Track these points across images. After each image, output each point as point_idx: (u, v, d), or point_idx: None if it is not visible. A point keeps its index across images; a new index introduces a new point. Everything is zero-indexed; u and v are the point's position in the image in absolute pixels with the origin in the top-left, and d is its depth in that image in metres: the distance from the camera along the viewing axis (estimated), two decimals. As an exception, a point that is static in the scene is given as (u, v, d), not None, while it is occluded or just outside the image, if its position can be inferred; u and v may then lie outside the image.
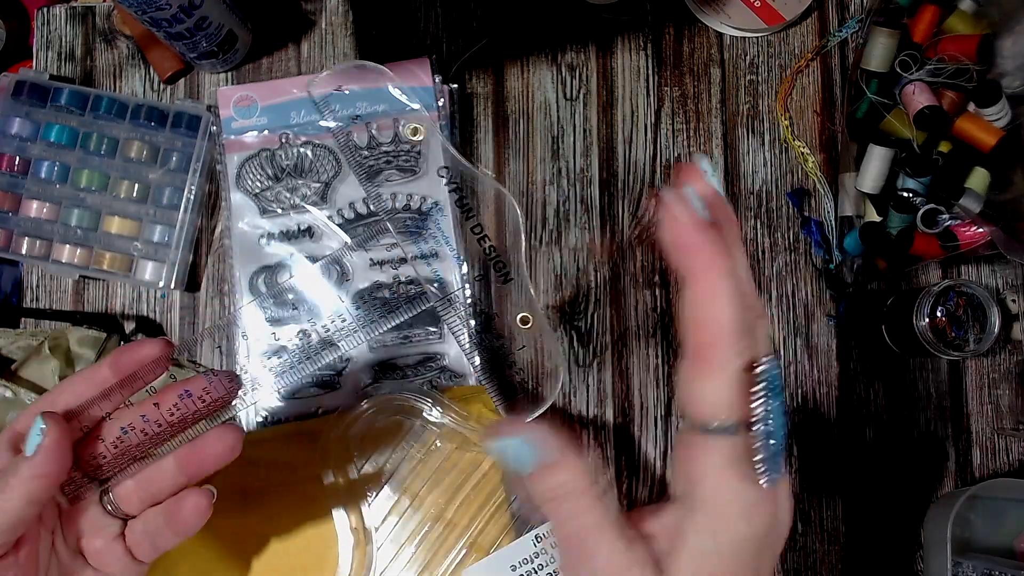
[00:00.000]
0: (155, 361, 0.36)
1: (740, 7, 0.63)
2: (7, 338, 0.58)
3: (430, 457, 0.53)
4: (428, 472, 0.52)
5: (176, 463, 0.36)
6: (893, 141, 0.58)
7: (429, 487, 0.52)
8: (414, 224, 0.61)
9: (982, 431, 0.63)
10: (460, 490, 0.52)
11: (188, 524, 0.36)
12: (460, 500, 0.52)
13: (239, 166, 0.61)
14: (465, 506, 0.52)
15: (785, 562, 0.61)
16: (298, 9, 0.65)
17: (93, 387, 0.35)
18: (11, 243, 0.60)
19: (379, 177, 0.61)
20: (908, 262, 0.58)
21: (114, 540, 0.36)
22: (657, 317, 0.63)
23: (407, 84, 0.62)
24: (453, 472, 0.52)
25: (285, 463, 0.53)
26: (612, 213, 0.64)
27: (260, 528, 0.52)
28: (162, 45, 0.62)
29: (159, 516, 0.36)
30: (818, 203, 0.64)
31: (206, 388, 0.35)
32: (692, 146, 0.64)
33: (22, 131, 0.60)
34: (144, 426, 0.34)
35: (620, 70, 0.65)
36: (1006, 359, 0.63)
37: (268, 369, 0.60)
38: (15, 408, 0.56)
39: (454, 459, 0.53)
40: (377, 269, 0.61)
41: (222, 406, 0.36)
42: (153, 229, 0.60)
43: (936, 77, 0.57)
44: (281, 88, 0.62)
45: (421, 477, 0.52)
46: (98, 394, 0.35)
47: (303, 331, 0.60)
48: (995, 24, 0.56)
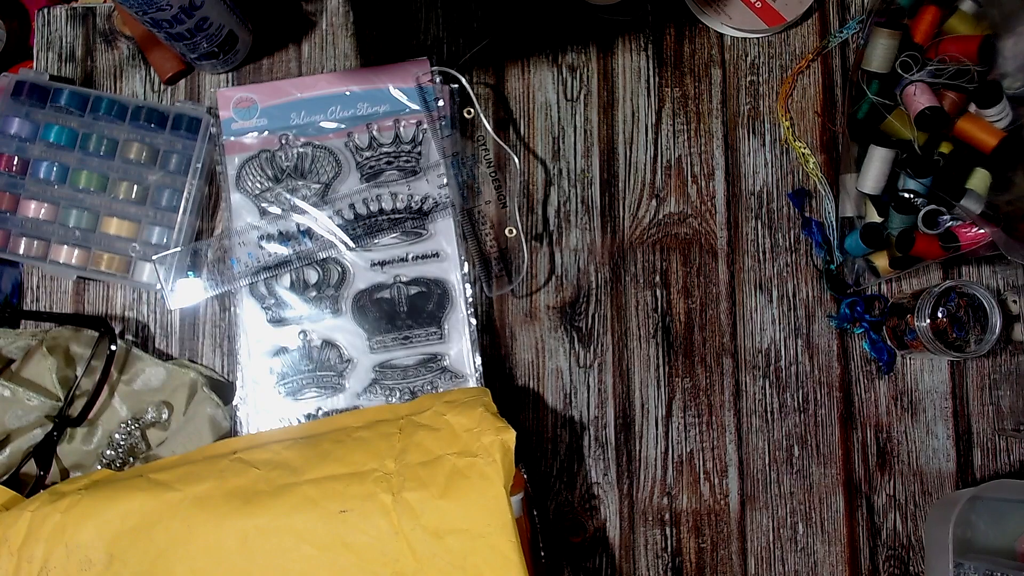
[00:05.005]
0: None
1: (741, 8, 0.63)
2: (7, 338, 0.58)
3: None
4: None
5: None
6: (894, 142, 0.58)
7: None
8: (414, 224, 0.61)
9: (983, 432, 0.63)
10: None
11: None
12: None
13: (239, 167, 0.61)
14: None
15: (785, 562, 0.61)
16: (299, 10, 0.65)
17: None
18: (9, 243, 0.60)
19: (380, 177, 0.61)
20: (909, 263, 0.58)
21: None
22: (658, 317, 0.63)
23: (407, 85, 0.62)
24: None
25: (285, 465, 0.53)
26: (613, 214, 0.63)
27: (260, 530, 0.51)
28: (163, 46, 0.62)
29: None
30: (819, 204, 0.64)
31: None
32: (693, 147, 0.64)
33: (21, 131, 0.60)
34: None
35: (621, 71, 0.65)
36: (1007, 360, 0.63)
37: (269, 369, 0.60)
38: (14, 407, 0.56)
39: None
40: (378, 269, 0.61)
41: None
42: (152, 231, 0.60)
43: (937, 78, 0.57)
44: (281, 89, 0.62)
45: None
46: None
47: (304, 331, 0.60)
48: (996, 25, 0.56)
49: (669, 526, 0.61)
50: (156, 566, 0.49)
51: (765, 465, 0.62)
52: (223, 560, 0.50)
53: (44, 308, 0.62)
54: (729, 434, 0.62)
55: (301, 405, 0.59)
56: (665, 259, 0.63)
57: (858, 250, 0.60)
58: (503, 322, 0.62)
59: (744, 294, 0.63)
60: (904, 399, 0.63)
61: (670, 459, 0.61)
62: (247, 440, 0.58)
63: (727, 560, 0.61)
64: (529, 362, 0.62)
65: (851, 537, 0.62)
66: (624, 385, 0.62)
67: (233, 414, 0.59)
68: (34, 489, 0.56)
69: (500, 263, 0.63)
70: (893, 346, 0.62)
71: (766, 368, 0.63)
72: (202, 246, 0.61)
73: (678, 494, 0.61)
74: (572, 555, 0.61)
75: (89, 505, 0.50)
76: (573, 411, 0.62)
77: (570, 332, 0.62)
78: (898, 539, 0.62)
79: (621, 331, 0.62)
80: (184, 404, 0.58)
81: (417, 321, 0.60)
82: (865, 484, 0.62)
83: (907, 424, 0.63)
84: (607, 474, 0.61)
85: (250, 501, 0.51)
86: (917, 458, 0.62)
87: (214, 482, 0.51)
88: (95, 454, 0.58)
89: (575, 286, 0.63)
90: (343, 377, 0.60)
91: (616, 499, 0.61)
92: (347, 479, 0.50)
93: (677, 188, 0.64)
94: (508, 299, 0.63)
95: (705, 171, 0.64)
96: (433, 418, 0.54)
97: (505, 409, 0.61)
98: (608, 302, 0.63)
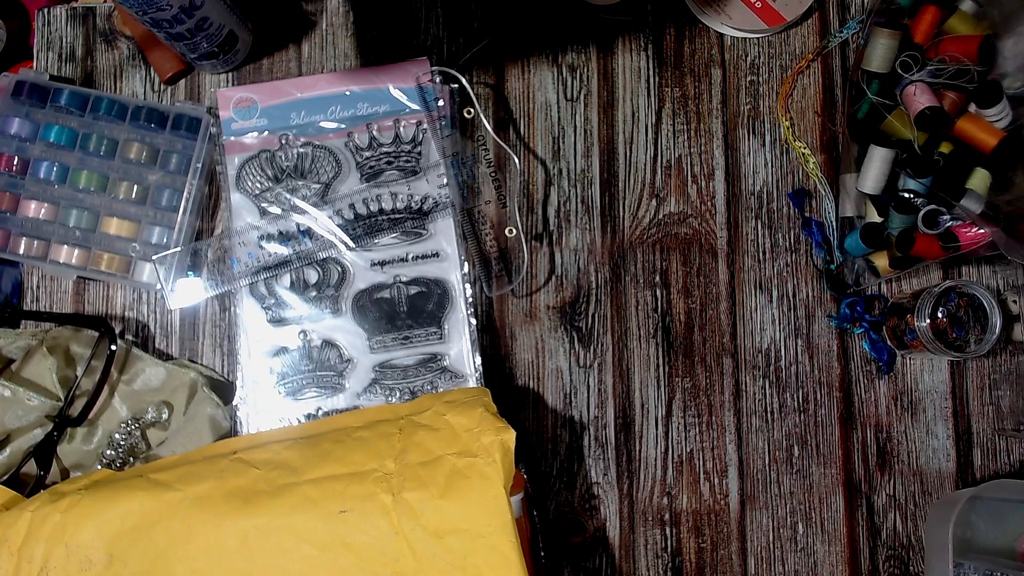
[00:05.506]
0: None
1: (741, 8, 0.63)
2: (7, 338, 0.58)
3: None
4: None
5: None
6: (894, 142, 0.58)
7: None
8: (414, 224, 0.61)
9: (983, 432, 0.63)
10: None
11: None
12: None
13: (239, 167, 0.61)
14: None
15: (785, 562, 0.61)
16: (299, 10, 0.65)
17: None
18: (9, 243, 0.60)
19: (380, 177, 0.61)
20: (909, 263, 0.58)
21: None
22: (658, 317, 0.63)
23: (407, 85, 0.62)
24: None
25: (285, 465, 0.53)
26: (613, 214, 0.63)
27: (260, 530, 0.51)
28: (163, 46, 0.62)
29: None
30: (819, 204, 0.64)
31: None
32: (693, 147, 0.64)
33: (21, 131, 0.60)
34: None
35: (621, 71, 0.65)
36: (1007, 360, 0.63)
37: (269, 369, 0.60)
38: (14, 407, 0.56)
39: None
40: (378, 269, 0.61)
41: None
42: (152, 231, 0.60)
43: (937, 78, 0.57)
44: (281, 89, 0.62)
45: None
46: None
47: (304, 331, 0.60)
48: (996, 25, 0.56)
49: (669, 526, 0.61)
50: (156, 566, 0.49)
51: (765, 465, 0.62)
52: (223, 560, 0.50)
53: (44, 308, 0.62)
54: (729, 434, 0.62)
55: (301, 405, 0.59)
56: (665, 259, 0.63)
57: (858, 250, 0.60)
58: (503, 322, 0.62)
59: (744, 294, 0.63)
60: (904, 399, 0.63)
61: (670, 459, 0.61)
62: (247, 440, 0.58)
63: (727, 560, 0.61)
64: (529, 362, 0.62)
65: (851, 537, 0.62)
66: (624, 385, 0.62)
67: (233, 414, 0.59)
68: (34, 489, 0.56)
69: (500, 263, 0.63)
70: (893, 346, 0.62)
71: (766, 368, 0.63)
72: (202, 246, 0.61)
73: (678, 494, 0.61)
74: (572, 555, 0.61)
75: (89, 505, 0.50)
76: (573, 411, 0.62)
77: (570, 332, 0.62)
78: (898, 539, 0.62)
79: (621, 331, 0.62)
80: (184, 404, 0.58)
81: (417, 321, 0.60)
82: (865, 484, 0.62)
83: (907, 424, 0.63)
84: (607, 474, 0.61)
85: (250, 501, 0.51)
86: (917, 458, 0.62)
87: (214, 482, 0.51)
88: (95, 454, 0.58)
89: (575, 286, 0.63)
90: (343, 377, 0.60)
91: (616, 499, 0.61)
92: (347, 479, 0.50)
93: (677, 188, 0.64)
94: (508, 299, 0.63)
95: (705, 171, 0.64)
96: (433, 418, 0.54)
97: (505, 409, 0.61)
98: (608, 302, 0.63)
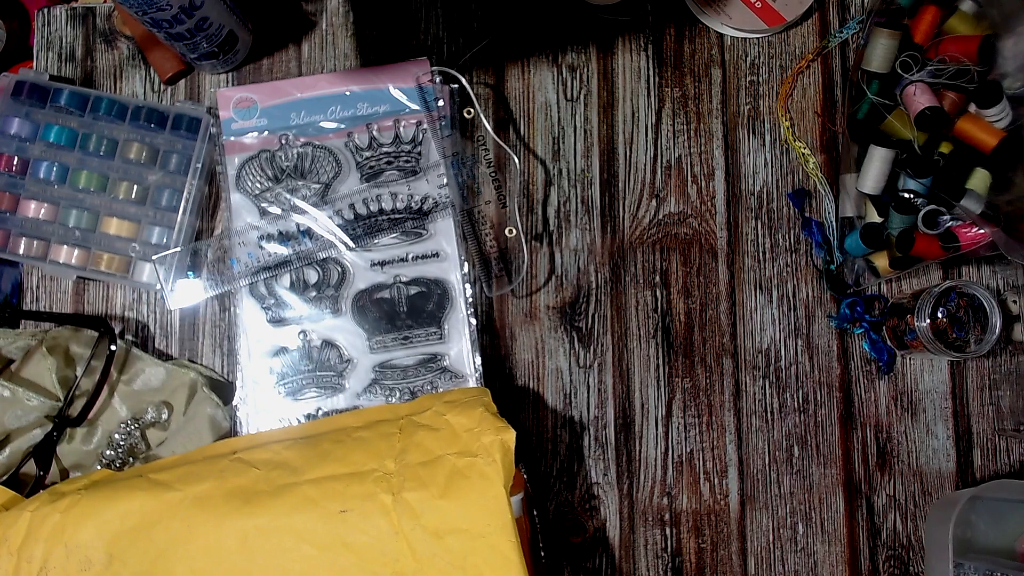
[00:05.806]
0: None
1: (741, 8, 0.63)
2: (7, 338, 0.58)
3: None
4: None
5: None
6: (894, 142, 0.58)
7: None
8: (414, 224, 0.61)
9: (983, 432, 0.63)
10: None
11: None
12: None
13: (239, 167, 0.61)
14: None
15: (785, 562, 0.61)
16: (299, 10, 0.65)
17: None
18: (8, 243, 0.60)
19: (380, 178, 0.61)
20: (909, 263, 0.58)
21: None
22: (658, 317, 0.63)
23: (407, 85, 0.62)
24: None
25: (285, 464, 0.53)
26: (613, 214, 0.63)
27: (260, 530, 0.51)
28: (163, 46, 0.62)
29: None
30: (819, 204, 0.64)
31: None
32: (693, 147, 0.64)
33: (21, 131, 0.60)
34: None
35: (621, 71, 0.65)
36: (1007, 360, 0.63)
37: (269, 369, 0.60)
38: (14, 407, 0.56)
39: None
40: (378, 269, 0.61)
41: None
42: (152, 231, 0.60)
43: (937, 78, 0.57)
44: (281, 89, 0.62)
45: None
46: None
47: (304, 331, 0.60)
48: (996, 25, 0.56)
49: (669, 526, 0.61)
50: (156, 566, 0.49)
51: (765, 465, 0.62)
52: (223, 560, 0.50)
53: (44, 308, 0.62)
54: (729, 434, 0.62)
55: (301, 405, 0.59)
56: (665, 259, 0.63)
57: (858, 250, 0.60)
58: (503, 322, 0.62)
59: (744, 294, 0.63)
60: (904, 399, 0.63)
61: (670, 459, 0.61)
62: (247, 440, 0.58)
63: (727, 560, 0.61)
64: (529, 362, 0.62)
65: (851, 537, 0.62)
66: (624, 385, 0.62)
67: (233, 414, 0.59)
68: (34, 489, 0.56)
69: (500, 263, 0.63)
70: (893, 346, 0.62)
71: (766, 368, 0.63)
72: (202, 246, 0.61)
73: (678, 494, 0.61)
74: (572, 555, 0.61)
75: (89, 505, 0.50)
76: (573, 411, 0.62)
77: (570, 332, 0.62)
78: (898, 539, 0.62)
79: (621, 331, 0.62)
80: (184, 404, 0.58)
81: (417, 321, 0.60)
82: (865, 484, 0.62)
83: (907, 424, 0.63)
84: (607, 474, 0.61)
85: (250, 501, 0.51)
86: (917, 458, 0.62)
87: (214, 482, 0.51)
88: (95, 454, 0.58)
89: (575, 286, 0.63)
90: (343, 377, 0.60)
91: (616, 499, 0.61)
92: (347, 479, 0.50)
93: (677, 188, 0.64)
94: (508, 299, 0.63)
95: (705, 171, 0.64)
96: (433, 418, 0.54)
97: (505, 409, 0.61)
98: (608, 302, 0.63)
